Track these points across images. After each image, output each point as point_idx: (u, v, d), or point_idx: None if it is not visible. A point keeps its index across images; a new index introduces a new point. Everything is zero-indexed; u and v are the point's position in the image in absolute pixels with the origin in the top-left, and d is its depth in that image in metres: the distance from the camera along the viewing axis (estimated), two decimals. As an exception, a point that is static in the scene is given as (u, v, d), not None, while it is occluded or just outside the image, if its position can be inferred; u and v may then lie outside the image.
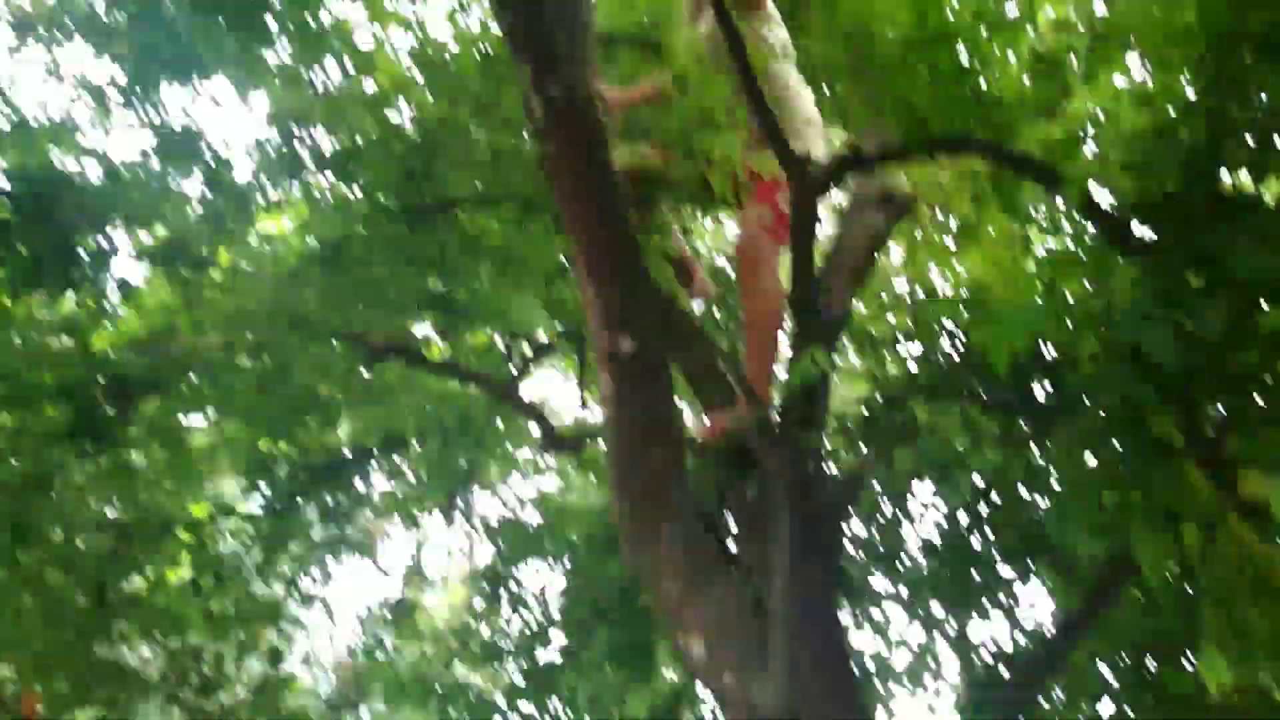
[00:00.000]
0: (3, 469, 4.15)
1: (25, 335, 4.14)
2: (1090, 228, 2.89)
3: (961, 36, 2.84)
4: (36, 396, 3.90)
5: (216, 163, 4.28)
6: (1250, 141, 2.39)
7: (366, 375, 4.07)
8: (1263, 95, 2.31)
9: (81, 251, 4.27)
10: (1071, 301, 2.94)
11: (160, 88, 4.27)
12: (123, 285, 4.38)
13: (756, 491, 3.20)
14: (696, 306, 3.27)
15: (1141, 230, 2.54)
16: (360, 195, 3.53)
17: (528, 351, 4.49)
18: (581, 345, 4.34)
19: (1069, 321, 2.67)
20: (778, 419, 3.20)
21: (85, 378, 3.88)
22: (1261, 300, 2.18)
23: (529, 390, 5.29)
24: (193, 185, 4.42)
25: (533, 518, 5.29)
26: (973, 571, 4.21)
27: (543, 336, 4.48)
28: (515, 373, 4.41)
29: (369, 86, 3.61)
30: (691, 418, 3.79)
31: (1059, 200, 3.01)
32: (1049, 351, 3.70)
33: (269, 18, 3.93)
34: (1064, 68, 3.96)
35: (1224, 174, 2.44)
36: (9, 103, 4.38)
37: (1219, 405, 2.27)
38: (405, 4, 3.92)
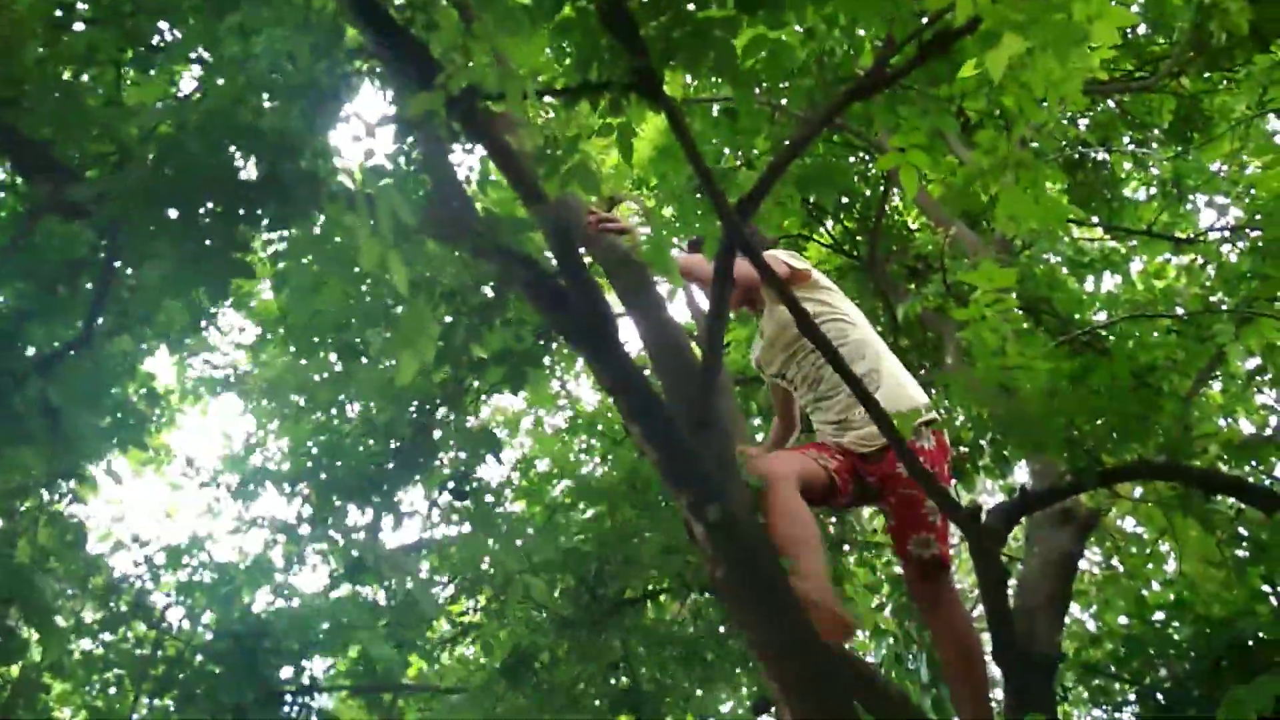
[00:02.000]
0: None
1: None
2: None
3: (1100, 369, 2.84)
4: None
5: (400, 579, 4.51)
6: None
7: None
8: None
9: (283, 691, 4.43)
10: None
11: (345, 517, 4.60)
12: (323, 715, 4.50)
13: None
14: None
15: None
16: (539, 607, 3.64)
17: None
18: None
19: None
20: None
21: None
22: None
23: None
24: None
25: None
26: None
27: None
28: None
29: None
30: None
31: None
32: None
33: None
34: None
35: None
36: (209, 557, 4.75)
37: None
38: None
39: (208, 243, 2.50)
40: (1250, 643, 3.03)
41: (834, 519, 5.69)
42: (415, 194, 2.84)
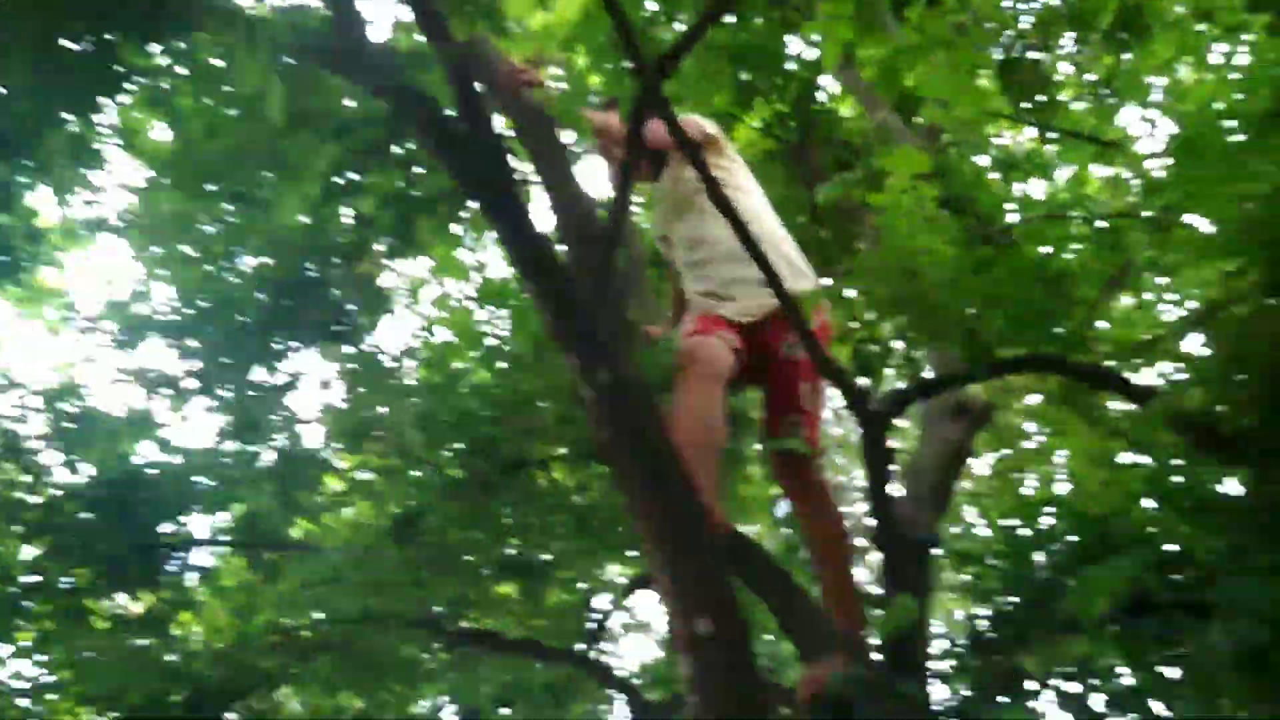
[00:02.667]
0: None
1: (108, 637, 4.19)
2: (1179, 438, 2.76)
3: (1003, 261, 2.81)
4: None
5: (290, 438, 4.40)
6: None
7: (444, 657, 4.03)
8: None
9: (161, 545, 4.35)
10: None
11: (235, 375, 4.44)
12: (202, 572, 4.44)
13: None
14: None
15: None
16: (430, 467, 3.58)
17: (608, 608, 4.41)
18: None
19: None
20: (876, 668, 3.04)
21: (164, 696, 3.88)
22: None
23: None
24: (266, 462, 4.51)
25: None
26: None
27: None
28: (593, 636, 4.31)
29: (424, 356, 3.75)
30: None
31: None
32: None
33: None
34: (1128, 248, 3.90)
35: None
36: (86, 406, 4.57)
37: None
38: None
39: (76, 49, 2.30)
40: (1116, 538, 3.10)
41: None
42: (311, 21, 2.64)
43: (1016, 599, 3.77)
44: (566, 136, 3.04)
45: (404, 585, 3.66)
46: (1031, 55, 5.32)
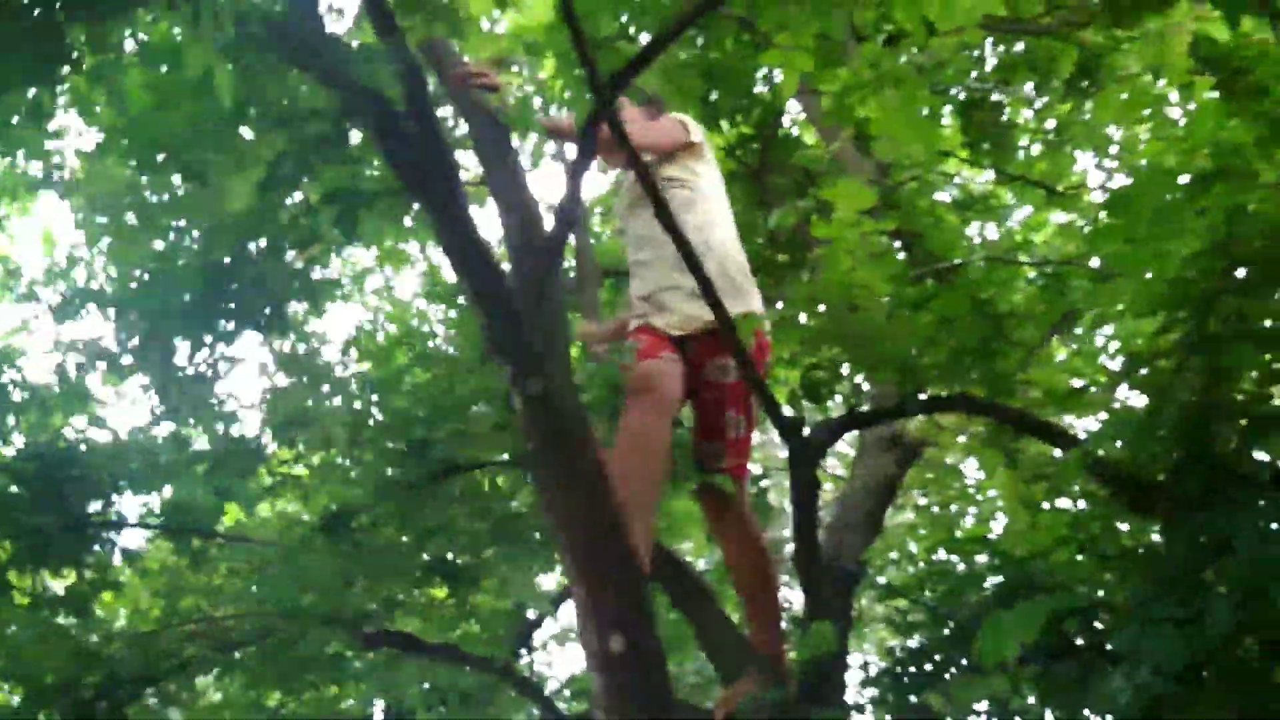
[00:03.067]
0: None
1: (31, 614, 4.11)
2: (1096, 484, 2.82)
3: (939, 302, 2.85)
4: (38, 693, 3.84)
5: (225, 422, 4.34)
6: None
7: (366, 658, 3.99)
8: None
9: (88, 524, 4.26)
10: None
11: (172, 351, 4.36)
12: (128, 554, 4.36)
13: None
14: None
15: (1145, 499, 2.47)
16: (363, 466, 3.55)
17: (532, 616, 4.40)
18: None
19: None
20: (794, 690, 3.06)
21: (77, 678, 3.80)
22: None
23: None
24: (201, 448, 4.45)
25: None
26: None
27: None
28: (519, 647, 4.30)
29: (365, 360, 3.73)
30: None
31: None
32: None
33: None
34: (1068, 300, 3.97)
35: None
36: (21, 376, 4.48)
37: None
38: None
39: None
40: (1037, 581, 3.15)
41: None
42: (265, 6, 2.61)
43: (939, 634, 3.83)
44: (518, 142, 3.02)
45: (330, 582, 3.62)
46: (994, 98, 5.41)
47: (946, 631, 3.79)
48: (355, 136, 2.71)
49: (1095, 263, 4.45)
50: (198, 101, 2.89)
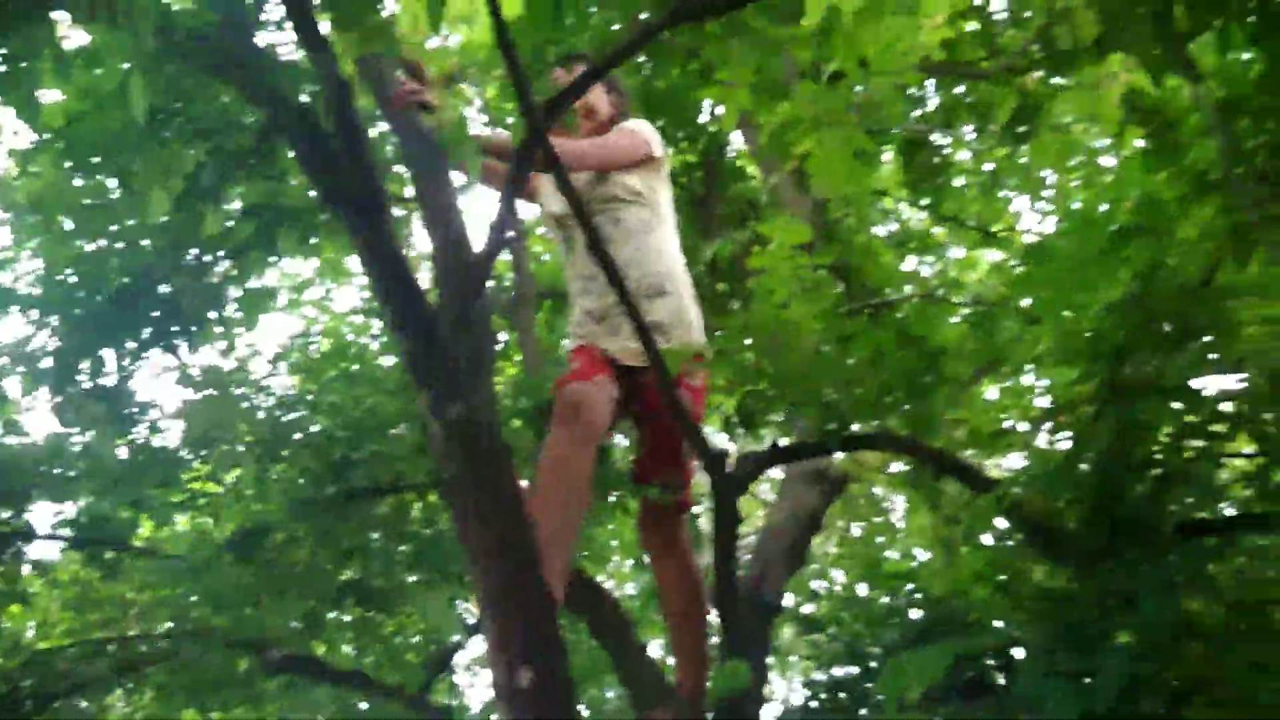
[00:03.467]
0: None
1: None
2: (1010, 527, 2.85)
3: (865, 339, 2.87)
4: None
5: (148, 431, 4.23)
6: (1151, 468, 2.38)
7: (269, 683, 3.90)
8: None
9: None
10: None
11: (95, 358, 4.25)
12: (37, 565, 4.22)
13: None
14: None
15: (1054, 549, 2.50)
16: (276, 484, 3.47)
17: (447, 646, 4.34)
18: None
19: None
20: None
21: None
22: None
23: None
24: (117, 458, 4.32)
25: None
26: None
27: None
28: (433, 674, 4.23)
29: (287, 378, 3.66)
30: None
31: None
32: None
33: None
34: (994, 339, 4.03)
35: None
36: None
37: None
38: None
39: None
40: (953, 620, 3.18)
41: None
42: (189, 17, 2.56)
43: (855, 669, 3.85)
44: (451, 161, 2.98)
45: (238, 602, 3.53)
46: (934, 139, 5.51)
47: (862, 667, 3.82)
48: (280, 151, 2.66)
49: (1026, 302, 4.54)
50: (123, 109, 2.83)
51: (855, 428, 3.08)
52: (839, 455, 3.72)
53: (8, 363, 4.22)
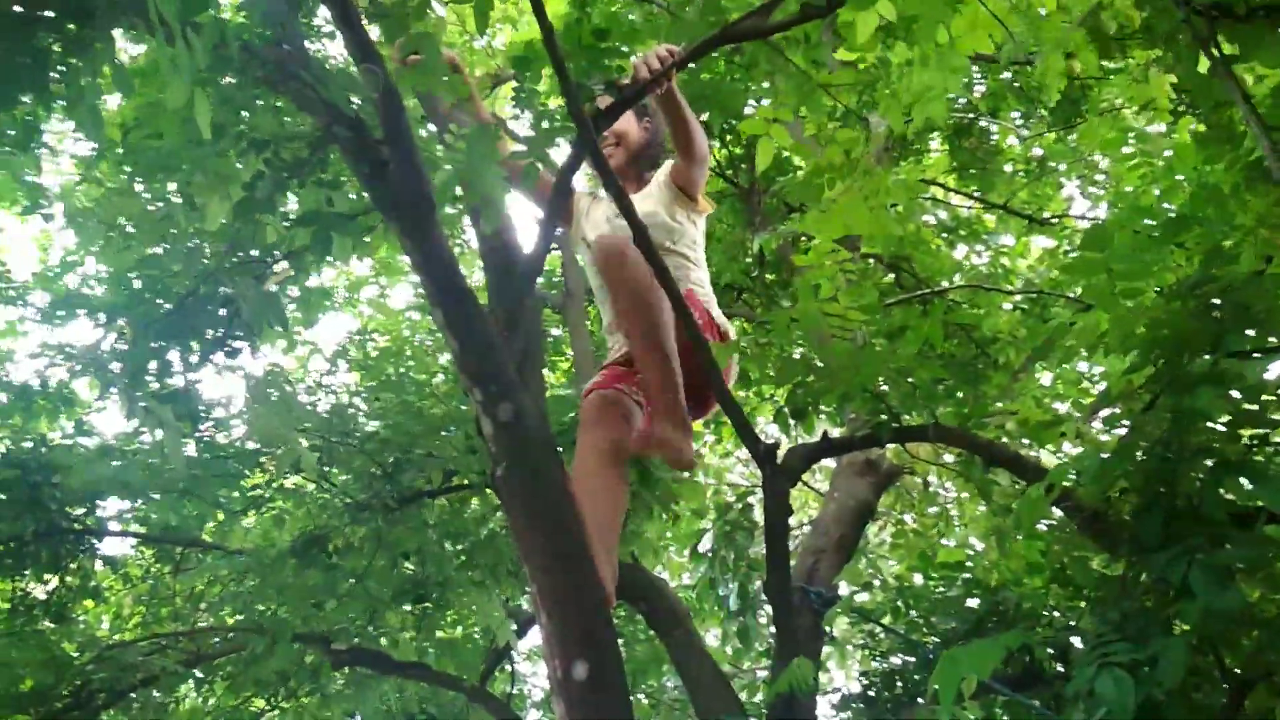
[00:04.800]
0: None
1: (9, 620, 4.11)
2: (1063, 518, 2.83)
3: (915, 330, 2.87)
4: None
5: (215, 429, 4.34)
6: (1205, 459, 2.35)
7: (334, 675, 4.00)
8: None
9: (69, 530, 4.27)
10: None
11: (162, 361, 4.37)
12: (109, 561, 4.36)
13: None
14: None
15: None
16: (335, 490, 3.55)
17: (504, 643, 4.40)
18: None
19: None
20: None
21: (51, 686, 3.80)
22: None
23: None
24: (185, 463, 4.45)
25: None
26: None
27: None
28: (491, 668, 4.30)
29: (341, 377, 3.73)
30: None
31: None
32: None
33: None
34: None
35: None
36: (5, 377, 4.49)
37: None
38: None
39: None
40: (1008, 609, 3.17)
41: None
42: (246, 32, 2.63)
43: (911, 658, 3.84)
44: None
45: (304, 599, 3.62)
46: (982, 123, 5.44)
47: (918, 658, 3.81)
48: (334, 159, 2.72)
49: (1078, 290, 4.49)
50: (181, 122, 2.92)
51: (906, 419, 3.09)
52: (889, 447, 3.72)
53: (78, 366, 4.37)
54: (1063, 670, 3.60)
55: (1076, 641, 3.31)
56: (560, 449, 2.63)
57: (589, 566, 2.50)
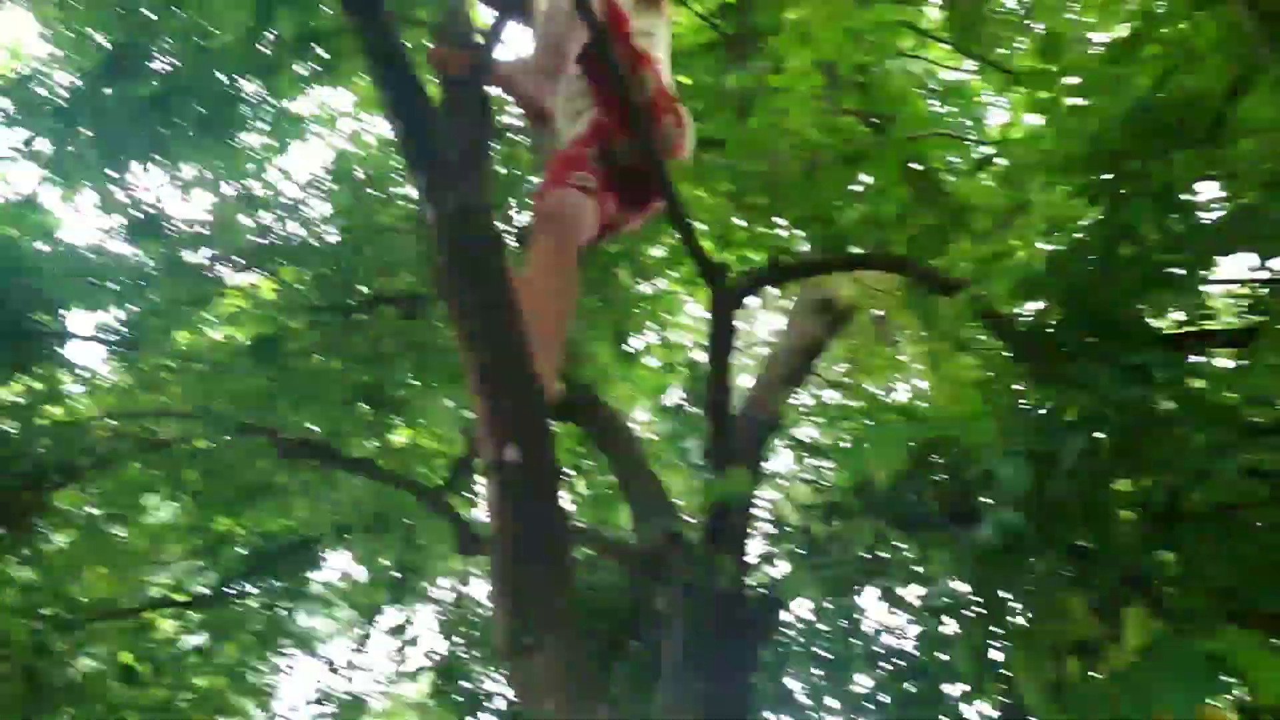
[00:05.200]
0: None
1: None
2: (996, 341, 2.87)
3: (871, 157, 2.86)
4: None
5: (178, 243, 4.33)
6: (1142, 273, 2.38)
7: (285, 470, 4.08)
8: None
9: (37, 334, 4.30)
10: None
11: (128, 169, 4.31)
12: (73, 367, 4.41)
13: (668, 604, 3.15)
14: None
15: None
16: (293, 291, 3.57)
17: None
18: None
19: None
20: (698, 534, 3.17)
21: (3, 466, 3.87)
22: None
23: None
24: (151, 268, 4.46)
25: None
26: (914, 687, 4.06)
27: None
28: (450, 477, 4.36)
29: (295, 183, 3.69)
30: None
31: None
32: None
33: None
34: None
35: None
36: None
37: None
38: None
39: None
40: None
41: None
42: None
43: (853, 498, 3.94)
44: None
45: (258, 402, 3.68)
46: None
47: (862, 496, 3.90)
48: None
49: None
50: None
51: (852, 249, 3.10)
52: (844, 286, 3.74)
53: (43, 170, 4.32)
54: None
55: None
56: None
57: (526, 355, 2.54)
